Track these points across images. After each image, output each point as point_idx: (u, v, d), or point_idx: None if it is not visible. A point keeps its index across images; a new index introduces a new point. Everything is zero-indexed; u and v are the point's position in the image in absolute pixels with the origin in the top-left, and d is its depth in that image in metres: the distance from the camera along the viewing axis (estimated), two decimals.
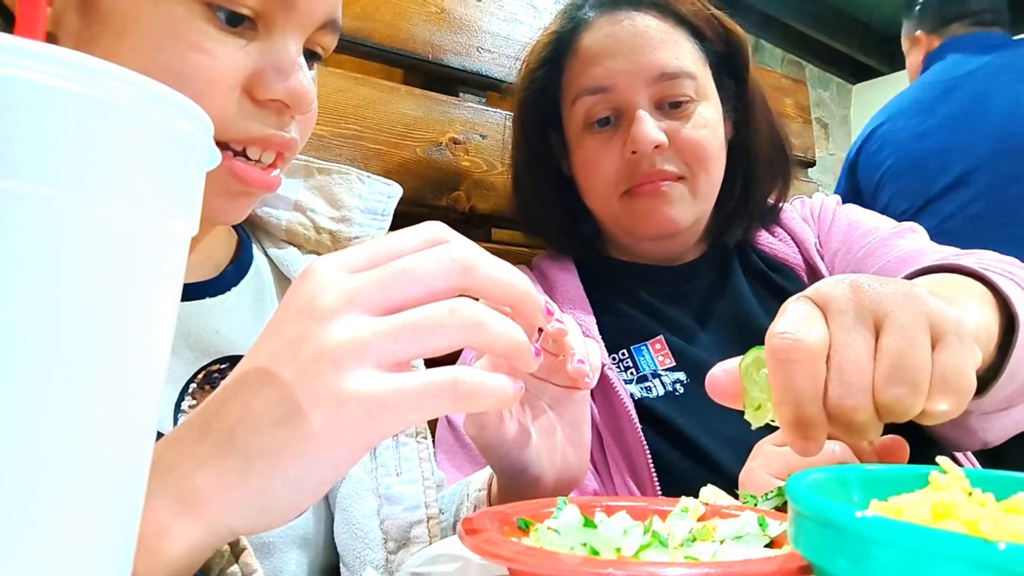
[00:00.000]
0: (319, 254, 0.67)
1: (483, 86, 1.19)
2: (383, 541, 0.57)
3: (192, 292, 0.57)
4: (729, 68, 0.94)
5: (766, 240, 0.98)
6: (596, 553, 0.36)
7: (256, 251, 0.66)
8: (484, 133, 1.13)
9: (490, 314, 0.34)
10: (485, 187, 1.12)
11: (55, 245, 0.21)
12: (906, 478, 0.35)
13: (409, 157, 1.05)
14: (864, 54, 4.78)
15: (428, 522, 0.58)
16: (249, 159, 0.52)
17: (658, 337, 0.87)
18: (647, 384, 0.84)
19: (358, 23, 1.02)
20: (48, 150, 0.20)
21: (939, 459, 0.34)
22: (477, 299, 0.36)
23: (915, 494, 0.32)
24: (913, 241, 0.88)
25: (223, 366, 0.57)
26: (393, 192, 0.71)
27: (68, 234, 0.21)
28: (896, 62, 5.16)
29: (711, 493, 0.52)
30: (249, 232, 0.67)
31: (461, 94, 1.16)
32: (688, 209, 0.88)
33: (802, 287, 0.90)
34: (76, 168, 0.21)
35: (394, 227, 0.92)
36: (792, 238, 0.98)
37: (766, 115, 0.97)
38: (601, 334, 0.87)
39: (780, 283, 0.93)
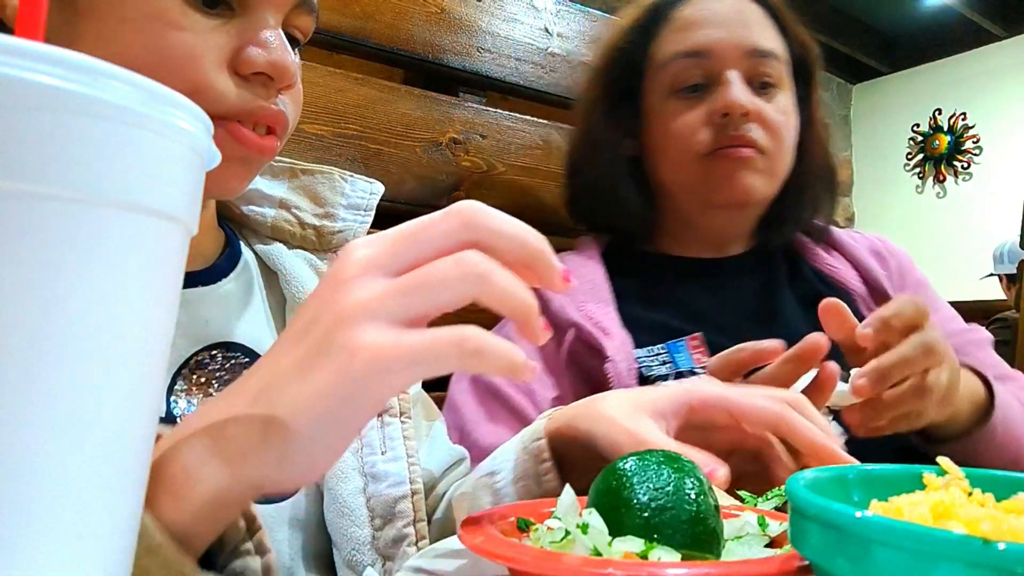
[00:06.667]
0: (305, 249, 0.69)
1: (483, 86, 1.19)
2: (369, 518, 0.58)
3: (184, 281, 0.59)
4: (799, 75, 0.97)
5: (824, 260, 0.99)
6: (598, 554, 0.36)
7: (244, 247, 0.68)
8: (484, 133, 1.13)
9: (497, 267, 0.35)
10: (485, 187, 1.12)
11: (55, 245, 0.21)
12: (906, 478, 0.35)
13: (409, 157, 1.05)
14: (864, 54, 4.79)
15: (412, 497, 0.60)
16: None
17: (696, 334, 0.86)
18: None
19: (358, 23, 1.02)
20: (48, 150, 0.20)
21: (939, 459, 0.34)
22: None
23: (915, 494, 0.32)
24: (980, 349, 0.94)
25: (213, 352, 0.58)
26: (375, 189, 0.73)
27: (68, 234, 0.21)
28: (896, 62, 5.17)
29: None
30: (236, 231, 0.69)
31: (461, 94, 1.16)
32: (765, 183, 0.90)
33: (856, 313, 0.91)
34: (76, 168, 0.21)
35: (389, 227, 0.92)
36: (854, 266, 0.98)
37: (821, 135, 1.01)
38: (627, 326, 0.87)
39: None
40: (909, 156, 5.11)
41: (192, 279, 0.60)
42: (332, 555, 0.59)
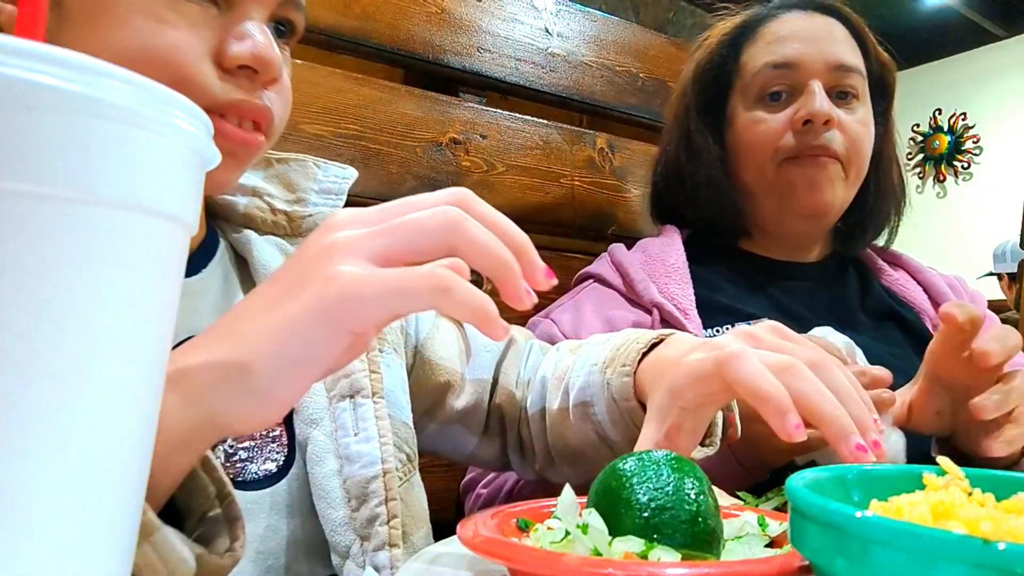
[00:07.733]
0: (275, 235, 0.69)
1: (483, 86, 1.19)
2: (346, 499, 0.59)
3: None
4: (877, 91, 1.03)
5: (893, 278, 1.05)
6: (598, 553, 0.36)
7: (220, 238, 0.68)
8: (484, 133, 1.13)
9: (473, 222, 0.36)
10: (485, 187, 1.12)
11: (55, 245, 0.21)
12: (906, 478, 0.35)
13: (409, 157, 1.05)
14: None
15: (384, 476, 0.60)
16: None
17: (765, 319, 0.88)
18: None
19: (358, 23, 1.02)
20: (48, 150, 0.20)
21: (939, 459, 0.34)
22: None
23: (915, 494, 0.32)
24: None
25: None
26: (348, 175, 0.74)
27: (68, 234, 0.21)
28: (895, 62, 5.18)
29: None
30: (211, 222, 0.69)
31: (461, 94, 1.16)
32: (840, 192, 0.96)
33: (925, 330, 0.98)
34: (76, 168, 0.21)
35: None
36: (925, 288, 1.04)
37: (895, 153, 1.08)
38: (698, 308, 0.92)
39: (906, 316, 0.99)
40: (909, 156, 5.10)
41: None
42: (326, 546, 0.59)
